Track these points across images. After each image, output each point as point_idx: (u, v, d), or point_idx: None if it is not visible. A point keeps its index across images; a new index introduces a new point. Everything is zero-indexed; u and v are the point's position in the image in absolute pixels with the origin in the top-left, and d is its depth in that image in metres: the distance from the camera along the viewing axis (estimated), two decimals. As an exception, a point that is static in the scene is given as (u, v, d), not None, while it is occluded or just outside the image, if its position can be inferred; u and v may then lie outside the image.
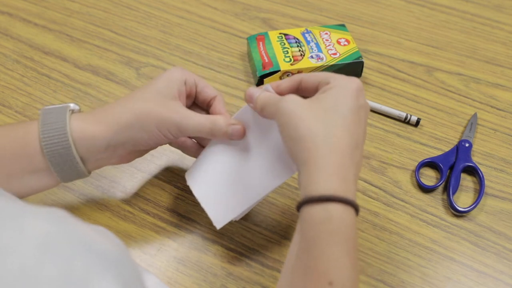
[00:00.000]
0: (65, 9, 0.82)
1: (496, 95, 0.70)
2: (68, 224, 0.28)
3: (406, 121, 0.65)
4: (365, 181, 0.59)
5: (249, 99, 0.46)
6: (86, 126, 0.46)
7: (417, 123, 0.65)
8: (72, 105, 0.47)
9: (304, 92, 0.46)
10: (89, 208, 0.56)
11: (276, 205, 0.57)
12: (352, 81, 0.42)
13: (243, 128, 0.48)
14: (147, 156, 0.61)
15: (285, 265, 0.40)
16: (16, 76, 0.71)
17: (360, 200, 0.57)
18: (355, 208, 0.38)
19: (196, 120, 0.47)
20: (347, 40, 0.72)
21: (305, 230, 0.38)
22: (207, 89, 0.51)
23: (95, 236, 0.29)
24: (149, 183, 0.58)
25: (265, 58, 0.69)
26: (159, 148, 0.61)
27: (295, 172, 0.45)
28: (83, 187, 0.57)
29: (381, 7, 0.84)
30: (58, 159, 0.45)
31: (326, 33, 0.73)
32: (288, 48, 0.70)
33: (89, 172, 0.49)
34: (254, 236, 0.54)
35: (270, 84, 0.46)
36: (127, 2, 0.84)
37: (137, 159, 0.60)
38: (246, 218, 0.55)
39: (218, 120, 0.48)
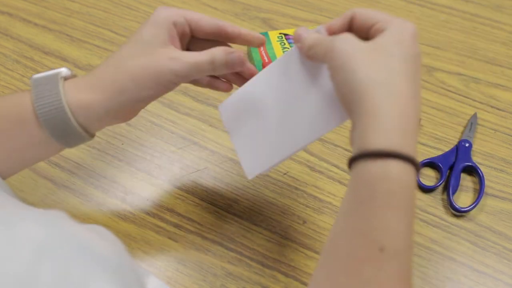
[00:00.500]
0: (65, 9, 0.82)
1: (496, 95, 0.70)
2: (65, 227, 0.28)
3: (406, 121, 0.65)
4: (365, 181, 0.59)
5: (297, 39, 0.41)
6: (81, 96, 0.43)
7: (417, 123, 0.65)
8: (64, 71, 0.44)
9: (356, 30, 0.41)
10: (89, 208, 0.56)
11: (276, 205, 0.57)
12: (408, 25, 0.37)
13: (242, 54, 0.44)
14: (147, 156, 0.61)
15: (331, 231, 0.37)
16: (16, 76, 0.71)
17: (360, 200, 0.57)
18: (416, 166, 0.34)
19: (193, 60, 0.43)
20: (347, 40, 0.71)
21: (357, 189, 0.34)
22: (203, 22, 0.46)
23: (93, 239, 0.28)
24: (149, 183, 0.58)
25: (265, 58, 0.69)
26: (159, 148, 0.61)
27: (345, 120, 0.40)
28: (83, 187, 0.57)
29: (381, 7, 0.84)
30: (58, 131, 0.43)
31: (326, 33, 0.72)
32: (288, 48, 0.70)
33: (93, 135, 0.46)
34: (254, 236, 0.54)
35: (322, 25, 0.42)
36: (127, 2, 0.84)
37: (137, 160, 0.60)
38: (246, 218, 0.55)
39: (215, 52, 0.43)
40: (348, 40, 0.37)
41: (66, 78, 0.44)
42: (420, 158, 0.61)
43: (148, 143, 0.62)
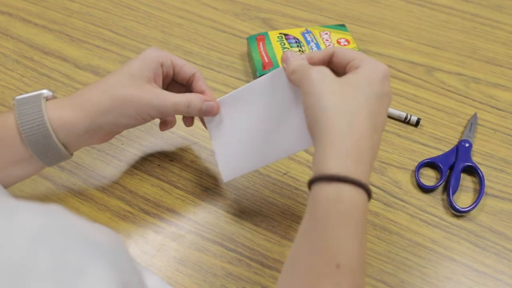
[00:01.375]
0: (65, 9, 0.82)
1: (496, 95, 0.70)
2: (63, 217, 0.28)
3: (406, 121, 0.65)
4: (365, 181, 0.59)
5: (284, 60, 0.45)
6: (63, 113, 0.46)
7: (417, 123, 0.65)
8: (45, 92, 0.47)
9: (335, 66, 0.45)
10: (89, 208, 0.56)
11: (276, 205, 0.57)
12: (381, 66, 0.41)
13: (217, 104, 0.51)
14: (147, 156, 0.61)
15: (291, 248, 0.39)
16: (16, 76, 0.71)
17: (360, 200, 0.57)
18: (368, 192, 0.37)
19: (173, 101, 0.48)
20: (347, 40, 0.72)
21: (314, 209, 0.37)
22: (185, 68, 0.52)
23: (90, 228, 0.29)
24: (149, 183, 0.58)
25: (265, 58, 0.69)
26: (159, 148, 0.61)
27: (312, 145, 0.44)
28: (83, 187, 0.57)
29: (381, 7, 0.84)
30: (40, 148, 0.46)
31: (326, 33, 0.73)
32: (288, 48, 0.70)
33: (71, 154, 0.50)
34: (254, 236, 0.54)
35: (305, 54, 0.46)
36: (127, 2, 0.84)
37: (137, 160, 0.60)
38: (246, 218, 0.55)
39: (193, 99, 0.49)
40: (322, 71, 0.41)
41: (48, 99, 0.47)
42: (420, 158, 0.61)
43: (148, 143, 0.62)
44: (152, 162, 0.60)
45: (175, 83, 0.54)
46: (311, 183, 0.38)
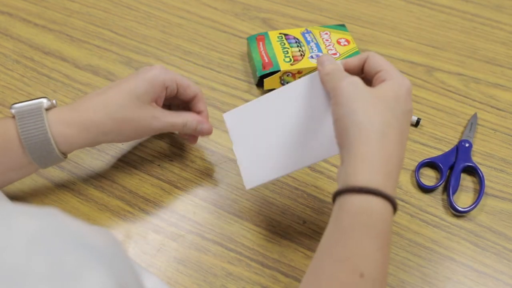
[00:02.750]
0: (65, 9, 0.82)
1: (496, 95, 0.70)
2: (59, 220, 0.28)
3: (406, 121, 0.65)
4: (365, 181, 0.59)
5: (320, 62, 0.46)
6: (67, 132, 0.48)
7: (417, 123, 0.65)
8: (45, 102, 0.48)
9: (365, 72, 0.45)
10: (89, 208, 0.56)
11: (276, 205, 0.57)
12: (406, 82, 0.42)
13: (210, 127, 0.55)
14: (147, 156, 0.61)
15: (315, 256, 0.40)
16: (16, 76, 0.71)
17: (360, 200, 0.57)
18: (394, 206, 0.38)
19: (171, 121, 0.52)
20: (347, 40, 0.72)
21: (341, 219, 0.38)
22: (189, 91, 0.54)
23: (87, 231, 0.29)
24: (149, 183, 0.58)
25: (265, 58, 0.69)
26: (159, 148, 0.61)
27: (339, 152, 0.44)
28: (83, 187, 0.57)
29: (381, 7, 0.84)
30: (41, 158, 0.48)
31: (326, 33, 0.73)
32: (288, 48, 0.70)
33: (66, 157, 0.51)
34: (254, 236, 0.54)
35: (341, 60, 0.46)
36: (127, 2, 0.84)
37: (137, 160, 0.60)
38: (246, 218, 0.55)
39: (189, 120, 0.53)
40: (355, 83, 0.41)
41: (47, 109, 0.49)
42: (420, 158, 0.61)
43: (148, 143, 0.62)
44: (152, 162, 0.60)
45: (177, 98, 0.56)
46: (339, 193, 0.38)
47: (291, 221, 0.55)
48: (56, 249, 0.26)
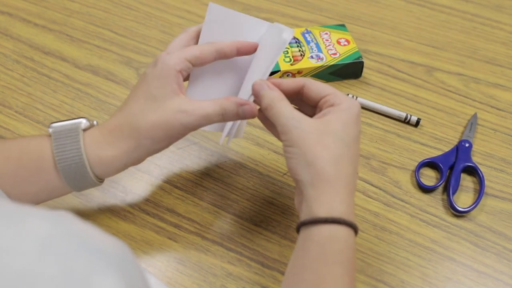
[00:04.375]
0: (65, 9, 0.82)
1: (496, 95, 0.70)
2: (71, 224, 0.28)
3: (406, 121, 0.65)
4: (365, 181, 0.59)
5: (255, 95, 0.46)
6: (101, 153, 0.46)
7: (417, 123, 0.65)
8: (83, 122, 0.46)
9: (305, 98, 0.46)
10: (89, 208, 0.56)
11: (276, 205, 0.57)
12: (355, 105, 0.43)
13: (253, 107, 0.46)
14: (147, 156, 0.61)
15: (284, 284, 0.42)
16: (16, 76, 0.71)
17: (360, 200, 0.57)
18: (355, 231, 0.41)
19: (204, 112, 0.45)
20: (347, 40, 0.72)
21: (308, 248, 0.40)
22: (203, 56, 0.46)
23: (98, 236, 0.29)
24: (149, 183, 0.58)
25: (265, 58, 0.68)
26: (159, 148, 0.61)
27: None
28: (83, 187, 0.57)
29: (381, 7, 0.84)
30: (75, 182, 0.46)
31: (326, 33, 0.73)
32: (288, 48, 0.70)
33: (103, 181, 0.49)
34: (254, 236, 0.54)
35: (274, 80, 0.47)
36: (127, 2, 0.84)
37: (137, 159, 0.60)
38: (246, 218, 0.55)
39: (225, 104, 0.45)
40: (300, 120, 0.42)
41: (85, 129, 0.46)
42: (420, 158, 0.61)
43: (148, 143, 0.62)
44: (153, 162, 0.60)
45: None
46: (303, 225, 0.40)
47: (291, 221, 0.55)
48: (67, 253, 0.26)
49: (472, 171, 0.60)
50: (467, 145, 0.62)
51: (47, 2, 0.83)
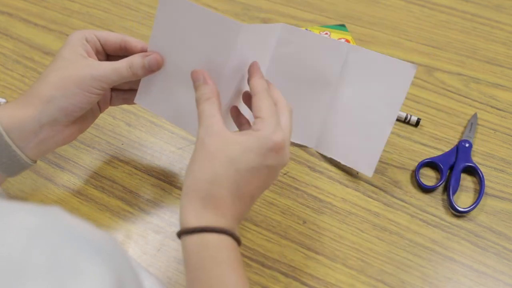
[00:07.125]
0: (65, 9, 0.82)
1: (496, 95, 0.70)
2: (58, 217, 0.29)
3: (406, 121, 0.65)
4: (365, 181, 0.59)
5: (192, 81, 0.45)
6: (13, 112, 0.45)
7: (417, 123, 0.65)
8: (1, 100, 0.48)
9: (251, 109, 0.46)
10: (89, 208, 0.56)
11: (276, 205, 0.57)
12: (270, 140, 0.42)
13: (159, 56, 0.48)
14: (147, 156, 0.61)
15: None
16: (16, 76, 0.71)
17: (360, 200, 0.57)
18: (234, 238, 0.41)
19: (112, 66, 0.47)
20: (347, 40, 0.72)
21: (188, 258, 0.41)
22: (110, 37, 0.50)
23: (87, 228, 0.29)
24: (149, 183, 0.58)
25: (265, 58, 0.68)
26: (159, 148, 0.61)
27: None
28: (83, 187, 0.57)
29: (381, 7, 0.84)
30: None
31: (326, 33, 0.73)
32: (288, 48, 0.70)
33: (34, 161, 0.48)
34: (254, 236, 0.54)
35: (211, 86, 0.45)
36: (127, 2, 0.84)
37: (137, 160, 0.60)
38: (246, 218, 0.55)
39: (132, 58, 0.48)
40: (210, 131, 0.42)
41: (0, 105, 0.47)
42: (420, 158, 0.61)
43: (148, 143, 0.62)
44: (152, 162, 0.60)
45: (115, 58, 0.50)
46: (179, 236, 0.41)
47: (291, 221, 0.55)
48: (55, 244, 0.26)
49: (472, 171, 0.60)
50: (467, 145, 0.62)
51: (47, 2, 0.83)
